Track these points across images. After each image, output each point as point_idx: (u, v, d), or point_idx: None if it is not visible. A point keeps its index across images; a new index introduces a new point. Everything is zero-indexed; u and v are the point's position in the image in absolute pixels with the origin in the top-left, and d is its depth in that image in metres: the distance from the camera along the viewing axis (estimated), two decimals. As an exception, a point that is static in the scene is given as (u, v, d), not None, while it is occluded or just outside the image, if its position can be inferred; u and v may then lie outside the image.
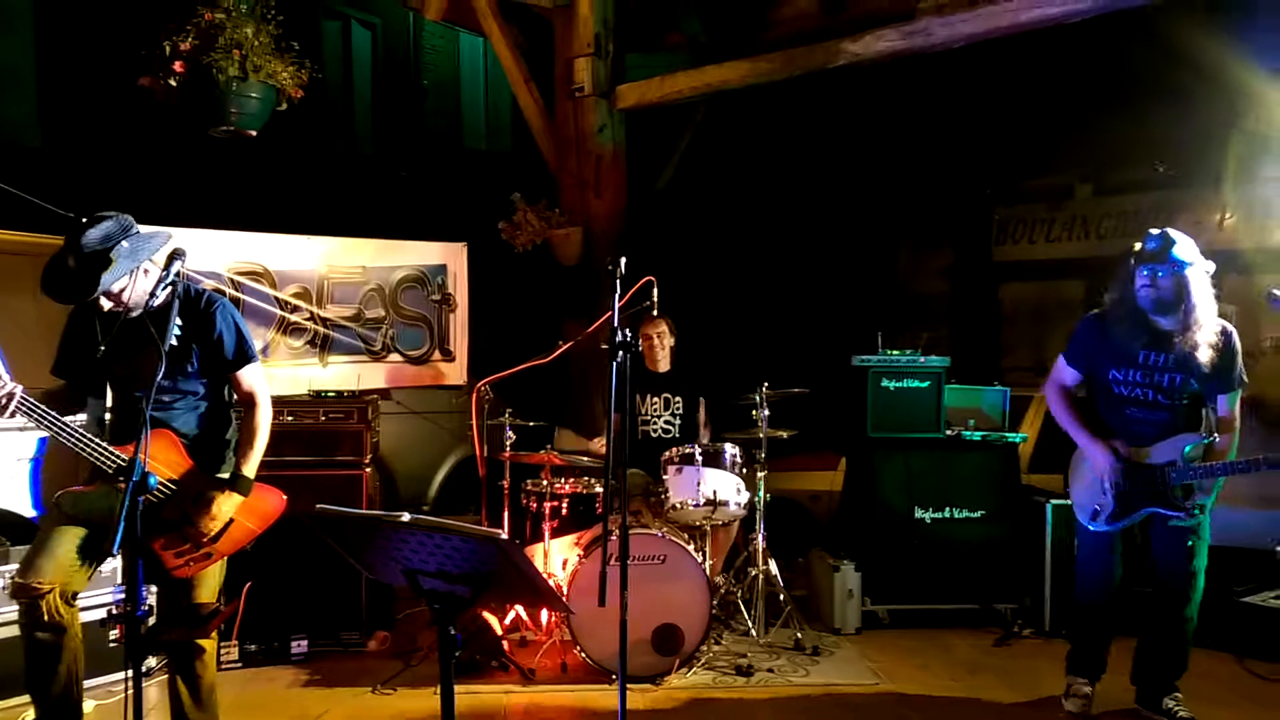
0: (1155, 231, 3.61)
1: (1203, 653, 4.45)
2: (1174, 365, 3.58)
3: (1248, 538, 4.76)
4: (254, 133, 5.01)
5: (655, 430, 5.18)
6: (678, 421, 5.19)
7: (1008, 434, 5.25)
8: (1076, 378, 3.83)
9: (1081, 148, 7.51)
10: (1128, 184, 7.52)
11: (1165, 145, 6.91)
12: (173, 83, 4.67)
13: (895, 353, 5.23)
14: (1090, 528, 3.77)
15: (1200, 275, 3.55)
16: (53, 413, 2.97)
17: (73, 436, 2.97)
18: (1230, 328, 3.63)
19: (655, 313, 4.87)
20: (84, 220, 3.05)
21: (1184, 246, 3.54)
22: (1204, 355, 3.53)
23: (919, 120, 7.87)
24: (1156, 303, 3.55)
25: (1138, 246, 3.61)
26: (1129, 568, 3.81)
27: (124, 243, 3.02)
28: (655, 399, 5.20)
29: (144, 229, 3.13)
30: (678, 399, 5.20)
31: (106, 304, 3.06)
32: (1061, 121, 7.49)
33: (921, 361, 5.20)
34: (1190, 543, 3.64)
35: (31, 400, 2.94)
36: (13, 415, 2.92)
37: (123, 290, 3.05)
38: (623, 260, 3.10)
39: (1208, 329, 3.54)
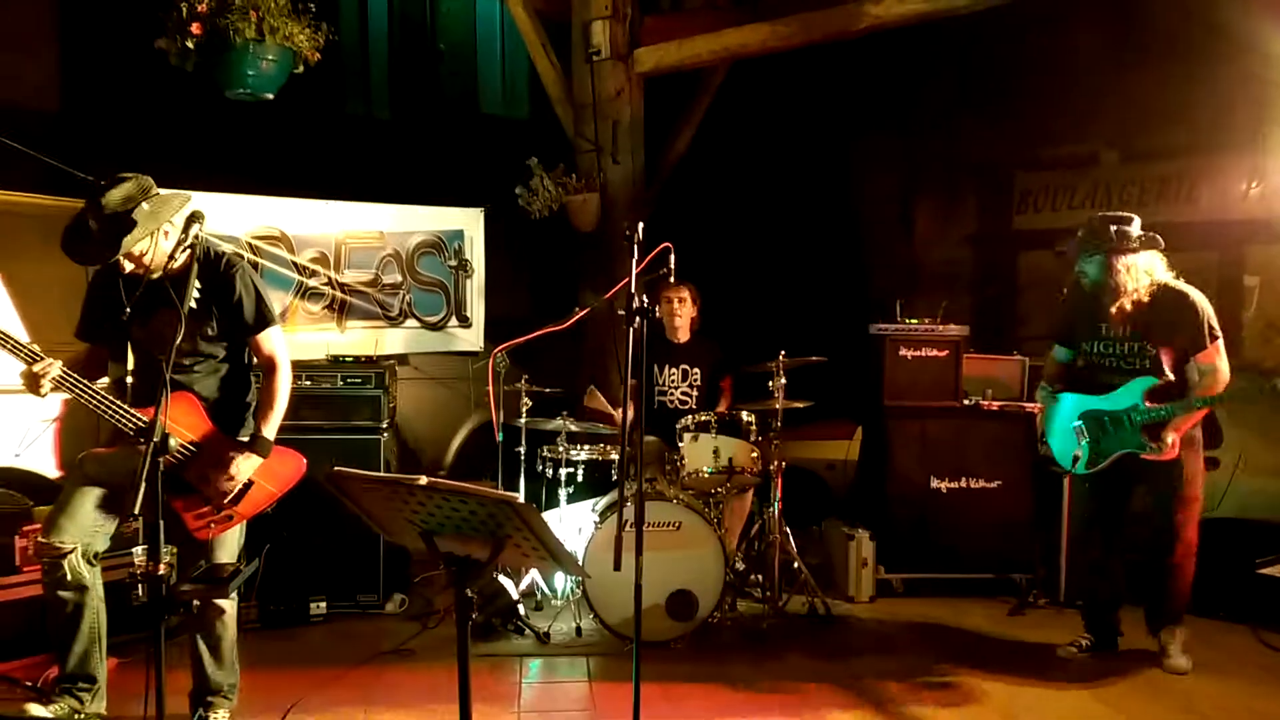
0: (1087, 220, 3.97)
1: (1218, 624, 4.50)
2: (1131, 335, 3.94)
3: (1269, 510, 4.73)
4: (271, 96, 4.99)
5: (672, 401, 5.17)
6: (695, 393, 5.19)
7: (1025, 404, 5.22)
8: (1066, 354, 4.20)
9: (1108, 113, 7.38)
10: (1154, 150, 7.39)
11: (1193, 110, 6.78)
12: (189, 45, 4.65)
13: (913, 321, 5.20)
14: (1073, 473, 4.10)
15: (1121, 257, 3.84)
16: (73, 375, 3.00)
17: (95, 399, 3.00)
18: (1185, 289, 3.90)
19: (675, 279, 4.86)
20: (104, 181, 3.05)
21: (1101, 235, 3.87)
22: (1154, 323, 3.86)
23: (941, 84, 7.76)
24: (1092, 287, 3.96)
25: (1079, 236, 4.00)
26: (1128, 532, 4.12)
27: (144, 204, 3.02)
28: (673, 369, 5.19)
29: (163, 191, 3.14)
30: (695, 370, 5.19)
31: (128, 265, 3.06)
32: (1088, 86, 7.35)
33: (939, 330, 5.17)
34: (1170, 495, 3.93)
35: (65, 370, 2.98)
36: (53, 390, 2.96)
37: (144, 253, 3.06)
38: (640, 226, 3.08)
39: (1134, 299, 3.86)
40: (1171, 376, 3.87)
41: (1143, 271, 3.86)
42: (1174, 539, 3.96)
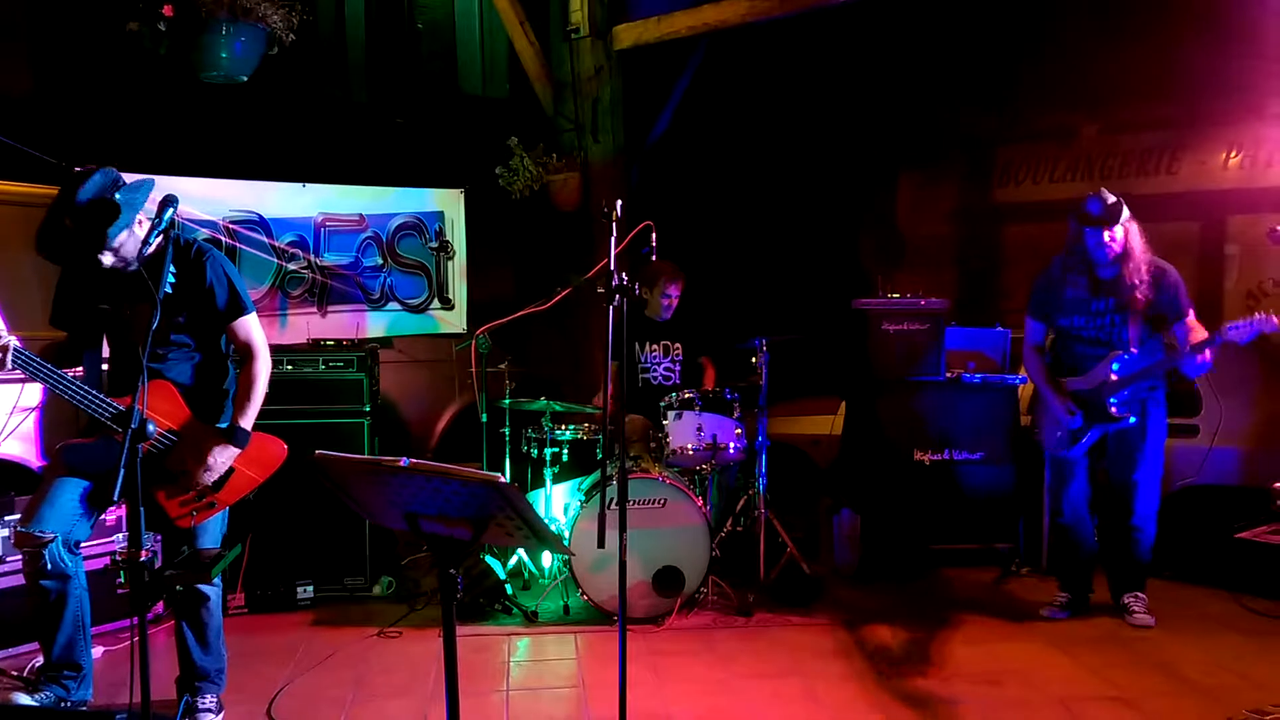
0: (1094, 195, 4.00)
1: (1199, 589, 4.56)
2: (1115, 308, 4.04)
3: (1247, 476, 4.77)
4: (245, 78, 4.94)
5: (655, 378, 5.17)
6: (677, 369, 5.19)
7: (1008, 376, 5.25)
8: (1043, 329, 4.28)
9: (1089, 85, 7.38)
10: (1135, 122, 7.40)
11: (1174, 82, 6.79)
12: (161, 27, 4.60)
13: (896, 295, 5.21)
14: (1059, 455, 4.21)
15: (1135, 227, 3.97)
16: (48, 365, 2.96)
17: (69, 388, 2.97)
18: (1165, 265, 4.02)
19: (675, 269, 4.94)
20: (73, 177, 3.00)
21: (1120, 206, 3.95)
22: (1143, 296, 3.97)
23: (920, 58, 7.73)
24: (1110, 258, 3.97)
25: (1083, 211, 4.01)
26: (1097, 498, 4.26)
27: (116, 195, 2.98)
28: (655, 346, 5.19)
29: (128, 178, 3.09)
30: (677, 346, 5.19)
31: (108, 260, 3.02)
32: (1069, 58, 7.34)
33: (922, 304, 5.18)
34: (1135, 454, 4.05)
35: (27, 354, 2.93)
36: (12, 369, 2.93)
37: (121, 244, 3.02)
38: (619, 204, 3.06)
39: (1144, 273, 3.97)
40: (1135, 351, 3.97)
41: (1145, 245, 3.98)
42: (1133, 501, 4.10)
